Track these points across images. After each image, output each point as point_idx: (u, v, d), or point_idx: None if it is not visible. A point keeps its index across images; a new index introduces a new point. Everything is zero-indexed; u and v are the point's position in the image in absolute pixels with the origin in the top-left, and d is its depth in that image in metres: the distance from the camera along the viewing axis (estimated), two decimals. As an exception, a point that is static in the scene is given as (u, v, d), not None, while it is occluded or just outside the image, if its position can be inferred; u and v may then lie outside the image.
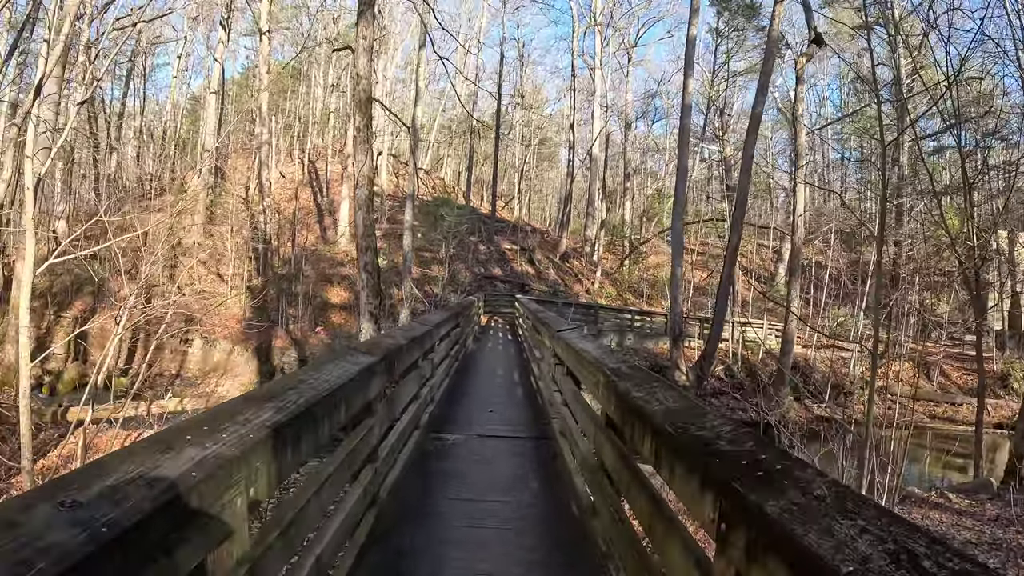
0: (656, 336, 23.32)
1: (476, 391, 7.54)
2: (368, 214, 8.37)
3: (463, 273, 25.92)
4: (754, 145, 16.93)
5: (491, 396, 7.27)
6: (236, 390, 18.43)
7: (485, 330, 17.23)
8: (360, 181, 8.20)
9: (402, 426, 4.29)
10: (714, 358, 17.53)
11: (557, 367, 5.29)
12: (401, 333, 4.13)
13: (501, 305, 23.91)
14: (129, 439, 9.64)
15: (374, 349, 3.21)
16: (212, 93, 34.89)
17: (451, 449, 4.98)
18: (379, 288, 8.51)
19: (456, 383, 7.84)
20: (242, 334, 20.85)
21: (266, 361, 19.03)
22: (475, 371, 9.03)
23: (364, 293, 8.31)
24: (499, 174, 39.68)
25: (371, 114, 8.49)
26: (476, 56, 37.41)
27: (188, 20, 40.87)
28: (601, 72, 33.80)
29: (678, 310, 16.53)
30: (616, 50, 37.74)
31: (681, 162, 17.16)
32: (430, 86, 56.00)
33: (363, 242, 8.34)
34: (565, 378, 4.68)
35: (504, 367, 9.62)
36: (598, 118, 33.10)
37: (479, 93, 41.61)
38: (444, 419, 5.92)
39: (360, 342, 3.79)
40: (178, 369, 20.89)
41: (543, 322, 6.47)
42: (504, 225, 34.62)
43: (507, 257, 29.07)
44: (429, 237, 28.50)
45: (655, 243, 37.63)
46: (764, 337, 25.09)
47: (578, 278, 29.58)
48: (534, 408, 6.78)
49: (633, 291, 31.57)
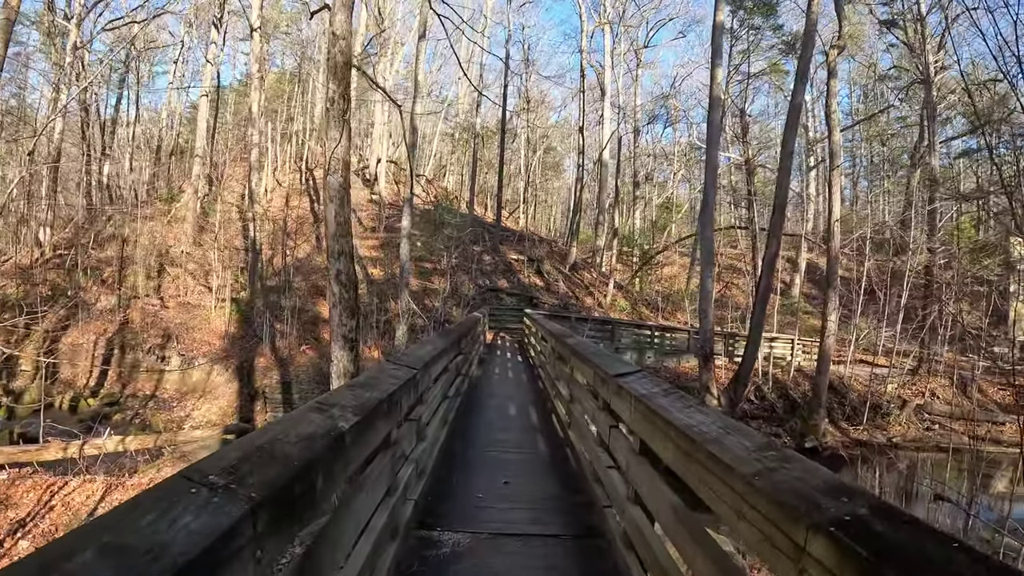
0: (677, 353, 21.37)
1: (484, 446, 5.62)
2: (343, 208, 6.50)
3: (466, 285, 24.03)
4: (794, 140, 15.08)
5: (504, 455, 5.35)
6: (214, 415, 16.55)
7: (491, 349, 15.34)
8: (333, 165, 6.37)
9: (374, 536, 2.45)
10: (749, 380, 15.58)
11: (614, 429, 3.40)
12: (354, 401, 2.23)
13: (508, 320, 22.00)
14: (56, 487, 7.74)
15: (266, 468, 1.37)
16: (204, 96, 33.31)
17: (444, 567, 3.07)
18: (356, 305, 6.64)
19: (457, 431, 5.96)
20: (223, 352, 19.00)
21: (247, 382, 17.13)
22: (480, 411, 7.12)
23: (336, 312, 6.44)
24: (504, 183, 37.89)
25: (349, 83, 6.68)
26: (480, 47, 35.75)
27: (185, 26, 39.45)
28: (612, 72, 32.06)
29: (708, 327, 14.61)
30: (625, 52, 36.04)
31: (711, 161, 15.32)
32: (432, 94, 54.72)
33: (335, 244, 6.46)
34: (639, 460, 2.78)
35: (517, 403, 7.72)
36: (608, 120, 31.30)
37: (483, 98, 39.97)
38: (438, 499, 4.01)
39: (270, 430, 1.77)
40: (153, 389, 19.01)
41: (580, 355, 4.57)
42: (510, 234, 32.79)
43: (513, 268, 27.18)
44: (430, 246, 26.67)
45: (667, 254, 35.76)
46: (794, 353, 23.14)
47: (589, 290, 27.66)
48: (565, 475, 4.86)
49: (647, 304, 29.64)
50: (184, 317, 21.88)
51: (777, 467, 1.64)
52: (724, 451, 1.80)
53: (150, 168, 41.86)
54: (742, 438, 1.89)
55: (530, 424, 6.61)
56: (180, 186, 36.84)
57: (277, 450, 1.57)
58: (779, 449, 1.78)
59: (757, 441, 1.86)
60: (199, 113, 33.73)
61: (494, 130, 44.49)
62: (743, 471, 1.66)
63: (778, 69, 38.98)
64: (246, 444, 1.56)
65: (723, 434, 1.94)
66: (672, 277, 35.22)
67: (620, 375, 3.20)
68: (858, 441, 20.08)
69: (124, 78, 41.91)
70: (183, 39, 39.98)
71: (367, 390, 2.41)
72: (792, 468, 1.62)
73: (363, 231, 30.97)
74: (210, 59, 32.56)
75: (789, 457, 1.71)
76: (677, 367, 20.63)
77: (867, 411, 20.78)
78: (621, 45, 34.64)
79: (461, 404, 6.88)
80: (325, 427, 1.82)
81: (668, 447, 2.21)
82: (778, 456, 1.72)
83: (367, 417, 2.10)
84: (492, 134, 46.08)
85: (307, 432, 1.75)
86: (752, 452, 1.77)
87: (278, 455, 1.52)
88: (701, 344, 14.74)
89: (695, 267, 34.69)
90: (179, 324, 21.22)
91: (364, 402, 2.21)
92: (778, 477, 1.57)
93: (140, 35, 39.30)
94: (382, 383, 2.64)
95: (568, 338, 6.04)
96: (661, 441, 2.30)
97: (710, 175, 15.33)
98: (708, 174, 15.36)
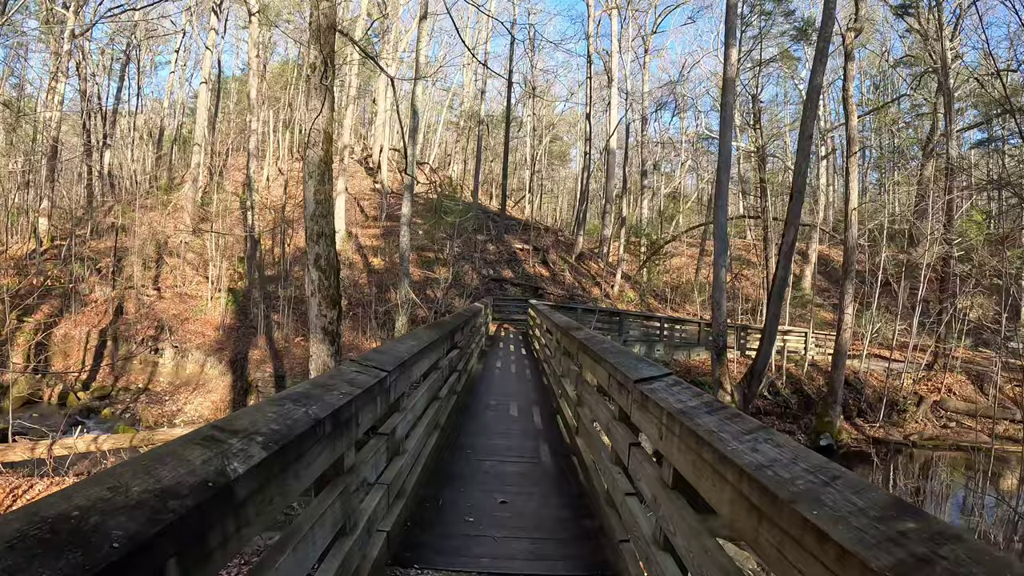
0: (687, 346, 20.65)
1: (479, 454, 4.94)
2: (323, 185, 5.83)
3: (469, 275, 23.35)
4: (813, 123, 14.29)
5: (502, 466, 4.66)
6: (206, 410, 15.98)
7: (494, 342, 14.67)
8: (313, 138, 5.71)
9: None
10: (764, 375, 14.88)
11: (636, 448, 2.72)
12: (273, 424, 1.52)
13: (512, 311, 21.30)
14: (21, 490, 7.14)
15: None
16: (204, 83, 32.65)
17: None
18: (338, 294, 5.99)
19: (449, 438, 5.29)
20: (217, 343, 18.40)
21: (241, 375, 16.53)
22: (477, 413, 6.43)
23: (315, 300, 5.78)
24: (509, 172, 37.12)
25: (332, 48, 6.01)
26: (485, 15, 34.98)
27: (186, 14, 38.79)
28: (620, 55, 31.18)
29: (722, 319, 13.89)
30: (633, 38, 35.10)
31: (724, 145, 14.56)
32: (436, 83, 53.92)
33: (314, 225, 5.80)
34: (672, 496, 2.09)
35: (519, 403, 7.06)
36: (615, 107, 30.45)
37: (488, 85, 39.20)
38: (419, 527, 3.35)
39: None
40: (146, 382, 18.47)
41: (591, 352, 3.89)
42: (515, 223, 32.05)
43: (518, 257, 26.45)
44: (433, 236, 26.00)
45: (675, 244, 34.95)
46: (807, 347, 22.41)
47: (596, 281, 26.92)
48: (573, 492, 4.18)
49: (655, 295, 28.91)
50: (180, 308, 21.32)
51: (931, 556, 0.96)
52: (830, 520, 1.11)
53: (151, 158, 41.44)
54: (850, 492, 1.20)
55: (532, 428, 5.95)
56: (182, 176, 36.32)
57: (85, 529, 0.90)
58: (917, 513, 1.10)
59: (876, 499, 1.16)
60: (199, 101, 33.16)
61: (499, 119, 43.67)
62: (873, 562, 0.97)
63: (789, 56, 38.04)
64: (28, 518, 0.89)
65: (818, 485, 1.25)
66: (679, 268, 34.44)
67: (644, 380, 2.52)
68: (874, 439, 19.39)
69: (125, 67, 41.33)
70: (185, 28, 39.29)
71: (301, 405, 1.74)
72: (958, 557, 0.94)
73: (365, 220, 30.35)
74: (209, 46, 31.87)
75: (943, 532, 1.03)
76: (687, 360, 19.92)
77: (883, 408, 20.09)
78: (629, 31, 33.75)
79: (456, 404, 6.23)
80: (202, 474, 1.15)
81: (723, 494, 1.53)
82: (921, 529, 1.04)
83: (285, 449, 1.43)
84: (498, 123, 45.30)
85: (166, 483, 1.08)
86: (875, 520, 1.08)
87: (81, 540, 0.86)
88: (714, 337, 14.03)
89: (704, 258, 33.92)
90: (174, 315, 20.65)
91: (288, 425, 1.54)
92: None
93: (140, 24, 38.77)
94: (330, 393, 1.98)
95: (575, 331, 5.37)
96: (710, 481, 1.62)
97: (723, 159, 14.58)
98: (721, 158, 14.61)
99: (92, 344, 20.15)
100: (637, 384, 2.52)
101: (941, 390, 22.62)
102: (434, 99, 53.52)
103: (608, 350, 3.58)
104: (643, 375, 2.60)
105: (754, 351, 22.11)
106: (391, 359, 2.78)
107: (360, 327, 18.91)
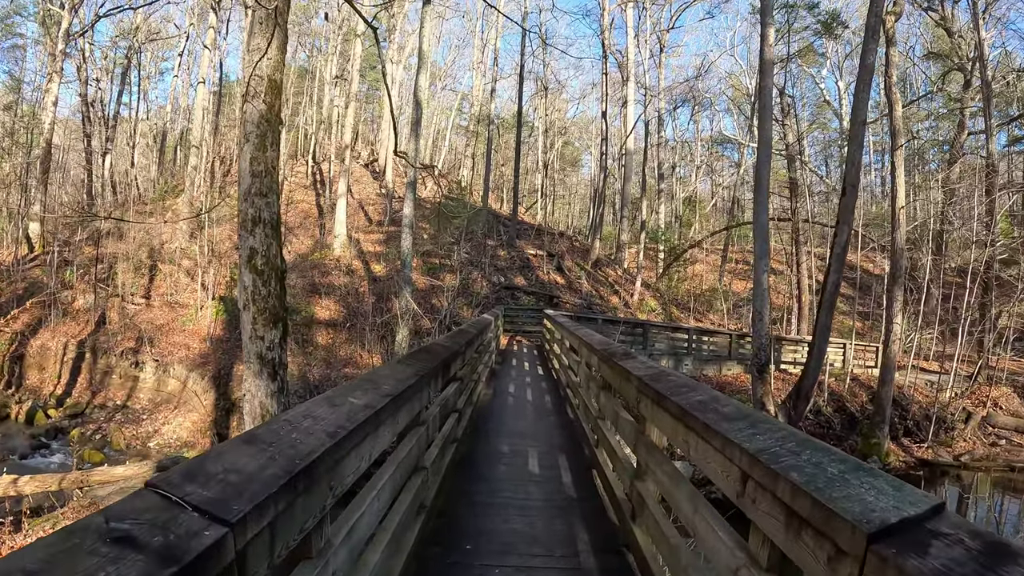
0: (718, 360, 18.85)
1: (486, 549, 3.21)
2: (264, 152, 4.17)
3: (478, 282, 21.64)
4: (866, 107, 12.56)
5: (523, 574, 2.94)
6: (184, 431, 14.35)
7: (505, 358, 12.93)
8: (253, 87, 4.10)
9: None
10: (812, 394, 13.08)
11: None
12: None
13: (525, 322, 19.57)
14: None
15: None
16: (201, 83, 31.33)
17: None
18: (282, 307, 4.30)
19: (445, 515, 3.60)
20: (201, 357, 16.82)
21: (224, 393, 14.91)
22: (486, 465, 4.61)
23: (247, 315, 4.11)
24: (520, 176, 35.46)
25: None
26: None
27: (189, 17, 37.70)
28: (637, 48, 29.53)
29: (764, 331, 12.13)
30: (649, 35, 33.43)
31: (763, 134, 12.84)
32: (445, 90, 52.48)
33: (248, 208, 4.12)
34: None
35: (542, 449, 5.29)
36: (632, 103, 28.77)
37: (498, 88, 37.56)
38: None
39: None
40: (125, 398, 16.91)
41: (683, 410, 2.19)
42: (527, 228, 30.36)
43: (531, 264, 24.70)
44: (439, 240, 24.35)
45: (693, 251, 33.10)
46: (846, 360, 20.58)
47: (614, 289, 25.13)
48: None
49: (677, 304, 27.10)
50: (168, 317, 19.79)
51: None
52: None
53: (153, 162, 40.40)
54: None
55: (562, 495, 4.18)
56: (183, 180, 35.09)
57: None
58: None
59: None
60: (196, 100, 31.82)
61: (510, 122, 42.13)
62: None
63: (811, 50, 36.39)
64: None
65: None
66: (699, 275, 32.61)
67: (892, 533, 0.82)
68: (923, 460, 17.55)
69: (126, 71, 40.27)
70: (188, 32, 38.20)
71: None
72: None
73: (368, 225, 28.81)
74: (208, 44, 30.51)
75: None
76: (718, 376, 18.11)
77: (932, 426, 18.24)
78: (647, 23, 32.14)
79: (456, 457, 4.52)
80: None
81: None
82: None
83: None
84: (508, 127, 43.78)
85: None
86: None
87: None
88: (755, 351, 12.26)
89: (727, 264, 32.15)
90: (160, 325, 19.12)
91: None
92: None
93: (142, 26, 37.75)
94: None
95: (622, 358, 3.67)
96: None
97: (763, 150, 12.85)
98: (761, 149, 12.89)
99: (70, 356, 18.65)
100: (876, 546, 0.84)
101: (987, 404, 20.73)
102: (443, 104, 52.13)
103: (727, 415, 1.89)
104: (885, 520, 0.91)
105: (788, 364, 20.28)
106: (240, 486, 1.10)
107: (358, 340, 17.27)
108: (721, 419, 1.89)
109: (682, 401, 2.28)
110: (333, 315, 18.79)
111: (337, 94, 38.51)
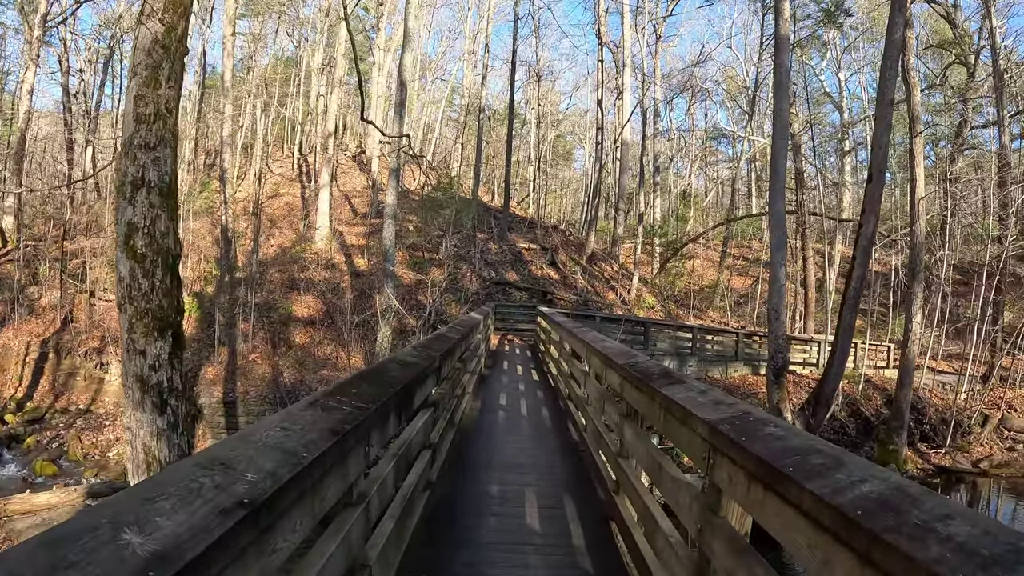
0: (724, 361, 17.76)
1: None
2: (155, 90, 3.04)
3: (468, 277, 20.43)
4: (894, 85, 11.45)
5: None
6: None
7: (496, 361, 11.73)
8: (151, 5, 2.91)
9: None
10: (833, 400, 11.99)
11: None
12: None
13: (518, 319, 18.41)
14: None
15: None
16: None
17: None
18: (178, 307, 3.10)
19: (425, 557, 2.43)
20: (168, 358, 15.54)
21: (188, 398, 13.67)
22: (471, 518, 3.37)
23: (124, 318, 2.97)
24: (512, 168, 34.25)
25: None
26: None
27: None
28: (634, 34, 28.35)
29: (781, 331, 11.02)
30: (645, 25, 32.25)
31: (780, 115, 11.74)
32: (435, 81, 51.20)
33: (128, 166, 2.94)
34: None
35: (543, 488, 4.02)
36: (628, 90, 27.61)
37: (489, 76, 36.31)
38: None
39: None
40: (89, 402, 15.67)
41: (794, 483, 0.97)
42: (519, 221, 29.17)
43: (524, 258, 23.50)
44: (427, 233, 23.11)
45: (691, 247, 32.01)
46: (858, 361, 19.54)
47: (611, 285, 23.98)
48: None
49: (676, 301, 26.01)
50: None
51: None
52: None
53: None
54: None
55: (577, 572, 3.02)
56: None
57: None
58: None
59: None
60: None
61: (501, 114, 40.89)
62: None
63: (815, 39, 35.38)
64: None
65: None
66: (696, 271, 31.54)
67: None
68: (941, 467, 16.59)
69: (108, 61, 38.80)
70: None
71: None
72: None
73: (353, 218, 27.56)
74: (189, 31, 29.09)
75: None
76: (724, 378, 17.00)
77: (950, 430, 17.28)
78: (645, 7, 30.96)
79: (425, 516, 3.25)
80: None
81: None
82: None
83: None
84: (500, 118, 42.57)
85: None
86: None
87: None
88: (772, 353, 11.14)
89: (725, 260, 31.06)
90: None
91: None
92: None
93: (125, 15, 36.32)
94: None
95: (665, 382, 2.51)
96: None
97: (779, 133, 11.74)
98: (777, 132, 11.77)
99: (32, 357, 17.36)
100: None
101: (1001, 406, 19.79)
102: (434, 96, 50.89)
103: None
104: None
105: (797, 365, 19.20)
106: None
107: (338, 339, 16.05)
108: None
109: (839, 501, 1.11)
110: (312, 312, 17.56)
111: (324, 83, 37.17)
